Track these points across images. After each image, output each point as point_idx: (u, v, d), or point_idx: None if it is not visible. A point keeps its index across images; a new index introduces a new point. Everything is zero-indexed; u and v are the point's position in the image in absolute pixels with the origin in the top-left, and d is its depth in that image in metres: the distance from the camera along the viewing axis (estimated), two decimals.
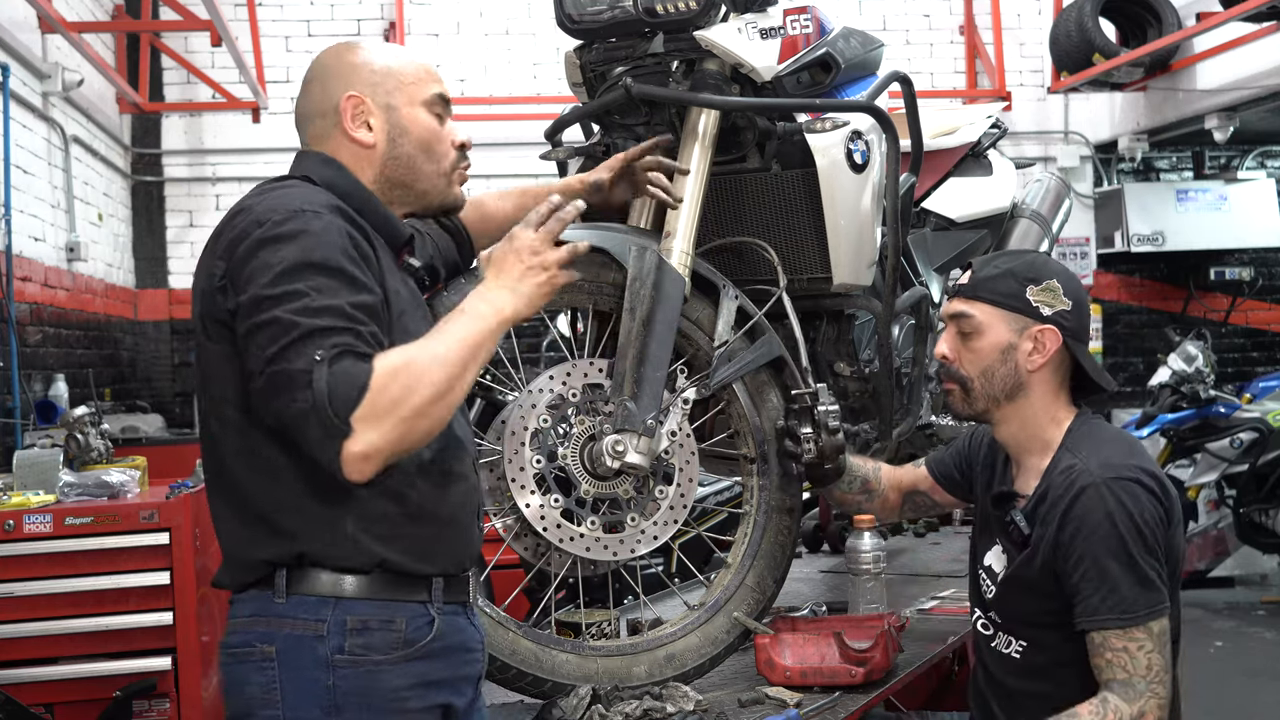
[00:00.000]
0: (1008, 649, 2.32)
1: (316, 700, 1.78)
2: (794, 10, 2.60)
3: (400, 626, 1.82)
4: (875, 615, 2.56)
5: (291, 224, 1.77)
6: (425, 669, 1.84)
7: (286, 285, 1.72)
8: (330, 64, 2.00)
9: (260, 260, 1.75)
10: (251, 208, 1.83)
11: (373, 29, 7.84)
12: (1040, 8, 8.45)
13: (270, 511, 1.81)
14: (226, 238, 1.81)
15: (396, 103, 1.97)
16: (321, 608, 1.80)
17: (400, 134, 1.97)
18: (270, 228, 1.77)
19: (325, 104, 1.97)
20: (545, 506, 2.33)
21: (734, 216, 2.73)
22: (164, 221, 7.67)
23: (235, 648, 1.84)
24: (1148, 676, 2.10)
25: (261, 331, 1.71)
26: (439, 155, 2.01)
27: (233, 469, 1.83)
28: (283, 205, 1.80)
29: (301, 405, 1.67)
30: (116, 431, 5.41)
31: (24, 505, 3.68)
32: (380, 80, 1.97)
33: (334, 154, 1.97)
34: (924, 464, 2.66)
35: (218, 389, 1.82)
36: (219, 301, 1.78)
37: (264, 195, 1.87)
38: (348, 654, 1.79)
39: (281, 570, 1.80)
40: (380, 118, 1.96)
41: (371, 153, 1.97)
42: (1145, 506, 2.14)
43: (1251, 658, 6.34)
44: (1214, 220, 8.33)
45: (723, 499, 4.34)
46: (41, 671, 3.64)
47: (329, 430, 1.67)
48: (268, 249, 1.75)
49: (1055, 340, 2.27)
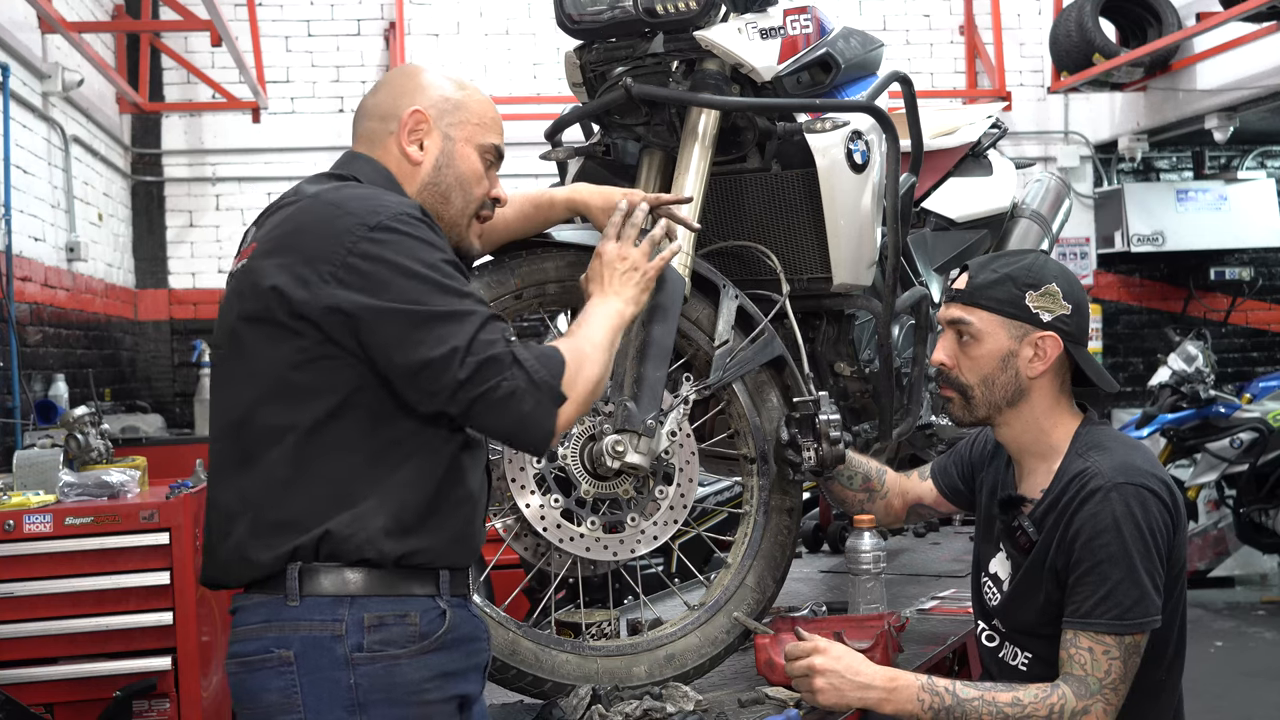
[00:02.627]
0: (1014, 660, 2.31)
1: (339, 700, 1.79)
2: (794, 10, 2.60)
3: (415, 620, 1.83)
4: (875, 615, 2.56)
5: (407, 226, 1.82)
6: (441, 661, 1.86)
7: (437, 278, 1.79)
8: (411, 76, 2.06)
9: (389, 258, 1.78)
10: (342, 204, 1.84)
11: (373, 29, 7.84)
12: (1040, 8, 8.45)
13: (296, 508, 1.81)
14: (319, 236, 1.81)
15: (455, 135, 2.03)
16: (337, 607, 1.80)
17: (447, 164, 2.03)
18: (385, 227, 1.80)
19: (390, 109, 2.02)
20: (545, 506, 2.33)
21: (734, 216, 2.73)
22: (164, 221, 7.67)
23: (249, 655, 1.83)
24: (1104, 680, 2.10)
25: (432, 324, 1.77)
26: (472, 197, 2.06)
27: (262, 466, 1.82)
28: (384, 205, 1.84)
29: (513, 383, 1.79)
30: (116, 431, 5.41)
31: (24, 505, 3.68)
32: (450, 109, 2.03)
33: (380, 160, 2.01)
34: (929, 476, 2.64)
35: (259, 387, 1.82)
36: (300, 298, 1.78)
37: (344, 192, 1.88)
38: (367, 651, 1.80)
39: (294, 569, 1.80)
40: (436, 142, 2.02)
41: (415, 170, 2.01)
42: (1154, 514, 2.13)
43: (1251, 658, 6.34)
44: (1214, 220, 8.33)
45: (723, 499, 4.34)
46: (41, 671, 3.64)
47: (549, 402, 1.82)
48: (391, 247, 1.79)
49: (1056, 346, 2.24)
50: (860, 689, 2.18)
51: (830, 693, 2.19)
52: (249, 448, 1.84)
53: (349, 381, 1.81)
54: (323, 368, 1.81)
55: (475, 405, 1.80)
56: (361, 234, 1.79)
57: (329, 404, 1.81)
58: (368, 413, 1.82)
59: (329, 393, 1.81)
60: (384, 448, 1.83)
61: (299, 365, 1.80)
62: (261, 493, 1.82)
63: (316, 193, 1.90)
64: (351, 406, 1.82)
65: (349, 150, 2.07)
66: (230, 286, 1.93)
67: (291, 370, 1.81)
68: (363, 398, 1.82)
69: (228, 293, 1.94)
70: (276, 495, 1.82)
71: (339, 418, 1.81)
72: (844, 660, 2.21)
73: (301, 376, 1.81)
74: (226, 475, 1.87)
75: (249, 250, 1.91)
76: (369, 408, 1.82)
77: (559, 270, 2.42)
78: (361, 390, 1.82)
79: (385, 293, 1.77)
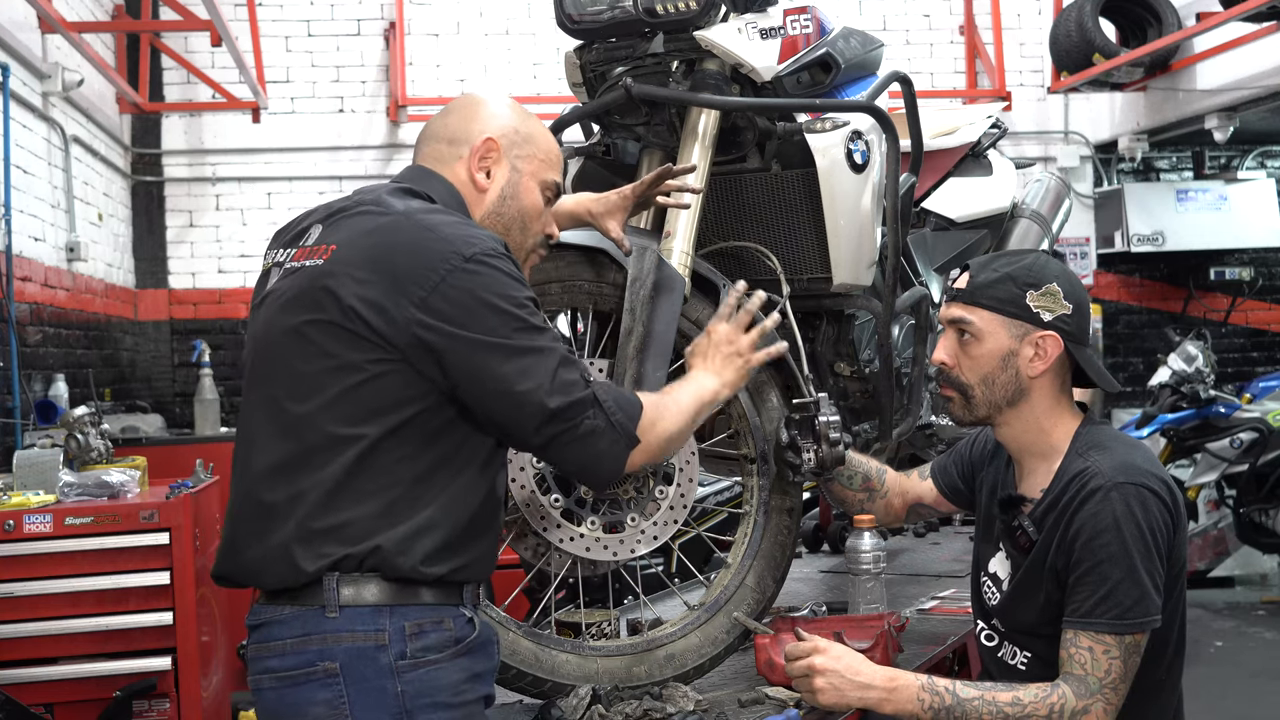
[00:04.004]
0: (1013, 660, 2.31)
1: (387, 708, 1.81)
2: (794, 10, 2.60)
3: (450, 626, 1.86)
4: (875, 615, 2.56)
5: (498, 261, 1.84)
6: (471, 663, 1.89)
7: (524, 315, 1.84)
8: (483, 104, 2.08)
9: (480, 292, 1.81)
10: (435, 229, 1.85)
11: (373, 29, 7.84)
12: (1040, 8, 8.45)
13: (348, 518, 1.81)
14: (413, 259, 1.81)
15: (523, 168, 2.05)
16: (378, 617, 1.81)
17: (512, 196, 2.04)
18: (478, 260, 1.82)
19: (462, 134, 2.03)
20: (545, 506, 2.33)
21: (734, 216, 2.73)
22: (164, 221, 7.67)
23: (291, 670, 1.83)
24: (1104, 680, 2.10)
25: (517, 360, 1.82)
26: (531, 233, 2.08)
27: (323, 472, 1.81)
28: (477, 237, 1.86)
29: (594, 422, 1.87)
30: (116, 431, 5.41)
31: (24, 505, 3.68)
32: (520, 142, 2.05)
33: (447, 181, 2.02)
34: (929, 475, 2.64)
35: (325, 392, 1.81)
36: (385, 319, 1.79)
37: (436, 217, 1.88)
38: (410, 658, 1.82)
39: (332, 579, 1.80)
40: (504, 173, 2.03)
41: (480, 198, 2.02)
42: (1154, 514, 2.13)
43: (1251, 658, 6.34)
44: (1214, 220, 8.33)
45: (723, 499, 4.34)
46: (41, 671, 3.65)
47: (623, 444, 1.91)
48: (482, 280, 1.81)
49: (1056, 346, 2.24)
50: (860, 689, 2.18)
51: (830, 693, 2.19)
52: (308, 451, 1.82)
53: (417, 401, 1.83)
54: (394, 385, 1.81)
55: (555, 440, 1.87)
56: (457, 263, 1.80)
57: (394, 420, 1.82)
58: (425, 432, 1.84)
59: (395, 410, 1.82)
60: (436, 467, 1.85)
61: (373, 378, 1.81)
62: (317, 498, 1.81)
63: (406, 210, 1.89)
64: (413, 425, 1.83)
65: (419, 165, 2.05)
66: (295, 281, 1.89)
67: (364, 381, 1.81)
68: (426, 418, 1.84)
69: (289, 286, 1.89)
70: (332, 502, 1.81)
71: (400, 435, 1.82)
72: (844, 660, 2.21)
73: (371, 390, 1.81)
74: (276, 473, 1.84)
75: (324, 250, 1.88)
76: (428, 428, 1.84)
77: (560, 270, 2.42)
78: (426, 411, 1.84)
79: (474, 325, 1.80)
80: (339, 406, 1.81)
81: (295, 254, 1.93)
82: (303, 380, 1.84)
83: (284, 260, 1.94)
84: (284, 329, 1.87)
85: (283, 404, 1.85)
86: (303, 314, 1.84)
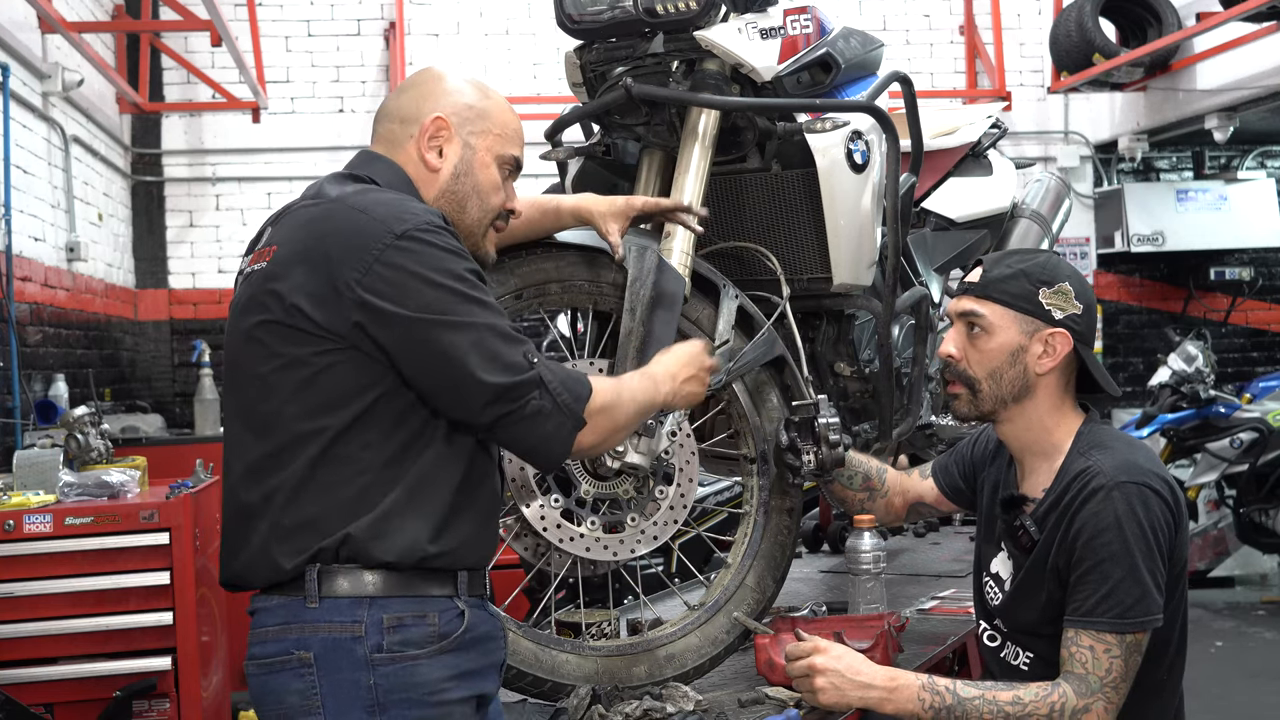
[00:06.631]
0: (1015, 660, 2.31)
1: (359, 701, 1.80)
2: (794, 10, 2.60)
3: (434, 620, 1.84)
4: (875, 615, 2.56)
5: (432, 235, 1.82)
6: (459, 661, 1.87)
7: (463, 289, 1.81)
8: (435, 80, 2.05)
9: (415, 268, 1.79)
10: (368, 210, 1.83)
11: (373, 29, 7.84)
12: (1040, 8, 8.45)
13: (318, 511, 1.81)
14: (345, 242, 1.80)
15: (476, 144, 2.02)
16: (356, 608, 1.81)
17: (466, 173, 2.02)
18: (411, 236, 1.80)
19: (412, 113, 2.01)
20: (545, 506, 2.33)
21: (734, 216, 2.73)
22: (164, 221, 7.67)
23: (268, 658, 1.84)
24: (1105, 679, 2.11)
25: (458, 335, 1.79)
26: (489, 208, 2.05)
27: (289, 469, 1.82)
28: (410, 213, 1.83)
29: (539, 403, 1.83)
30: (116, 431, 5.41)
31: (24, 505, 3.68)
32: (472, 118, 2.02)
33: (399, 163, 2.00)
34: (930, 474, 2.64)
35: (285, 391, 1.82)
36: (326, 309, 1.79)
37: (369, 197, 1.87)
38: (386, 651, 1.81)
39: (314, 571, 1.81)
40: (455, 150, 2.01)
41: (433, 177, 2.00)
42: (1155, 513, 2.13)
43: (1251, 658, 6.34)
44: (1214, 220, 8.33)
45: (723, 499, 4.34)
46: (41, 671, 3.64)
47: (569, 425, 1.86)
48: (417, 256, 1.79)
49: (1066, 344, 2.24)
50: (861, 688, 2.18)
51: (830, 692, 2.19)
52: (277, 450, 1.83)
53: (375, 387, 1.82)
54: (348, 374, 1.81)
55: (502, 421, 1.84)
56: (389, 241, 1.80)
57: (356, 408, 1.82)
58: (389, 416, 1.84)
59: (356, 398, 1.82)
60: (403, 452, 1.84)
61: (324, 370, 1.81)
62: (286, 494, 1.82)
63: (340, 196, 1.89)
64: (374, 411, 1.83)
65: (366, 150, 2.05)
66: (247, 288, 1.92)
67: (316, 375, 1.81)
68: (387, 401, 1.83)
69: (244, 293, 1.92)
70: (300, 497, 1.82)
71: (363, 422, 1.82)
72: (844, 660, 2.21)
73: (326, 382, 1.81)
74: (250, 475, 1.86)
75: (269, 252, 1.90)
76: (390, 412, 1.84)
77: (559, 270, 2.42)
78: (385, 396, 1.83)
79: (410, 302, 1.78)
80: (298, 403, 1.82)
81: (251, 259, 1.95)
82: (263, 382, 1.85)
83: (244, 267, 1.96)
84: (242, 335, 1.89)
85: (254, 407, 1.87)
86: (253, 317, 1.86)
